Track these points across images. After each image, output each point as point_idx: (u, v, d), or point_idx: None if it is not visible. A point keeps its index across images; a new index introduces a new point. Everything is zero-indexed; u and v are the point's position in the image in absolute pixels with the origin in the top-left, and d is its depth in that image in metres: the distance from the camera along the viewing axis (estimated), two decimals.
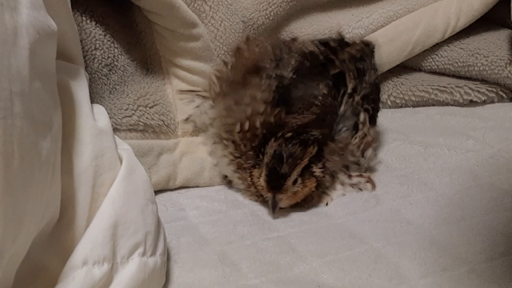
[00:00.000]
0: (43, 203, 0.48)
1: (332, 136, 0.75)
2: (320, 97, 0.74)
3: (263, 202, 0.76)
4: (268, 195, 0.72)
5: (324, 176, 0.74)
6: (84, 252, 0.52)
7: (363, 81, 0.81)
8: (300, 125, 0.71)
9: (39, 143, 0.46)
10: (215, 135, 0.77)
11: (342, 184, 0.78)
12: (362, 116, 0.78)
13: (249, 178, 0.74)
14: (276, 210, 0.72)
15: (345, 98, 0.78)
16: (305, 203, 0.75)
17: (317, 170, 0.73)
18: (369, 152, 0.79)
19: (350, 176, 0.78)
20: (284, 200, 0.72)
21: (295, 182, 0.71)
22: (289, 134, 0.70)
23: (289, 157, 0.69)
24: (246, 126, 0.72)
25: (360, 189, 0.79)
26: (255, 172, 0.73)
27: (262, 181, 0.71)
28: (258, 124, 0.72)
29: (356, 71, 0.80)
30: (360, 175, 0.79)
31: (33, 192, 0.46)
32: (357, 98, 0.78)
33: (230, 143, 0.75)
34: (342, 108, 0.77)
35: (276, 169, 0.70)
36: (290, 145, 0.69)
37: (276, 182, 0.70)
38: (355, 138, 0.77)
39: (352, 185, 0.78)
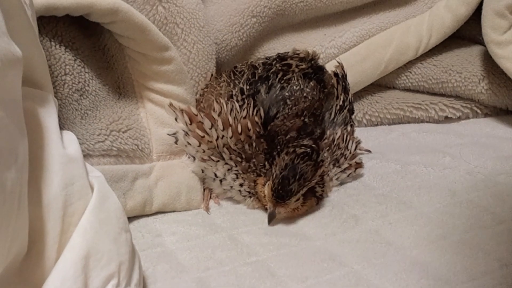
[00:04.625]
0: (9, 237, 0.46)
1: (321, 137, 0.79)
2: (307, 90, 0.80)
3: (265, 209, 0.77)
4: (269, 205, 0.74)
5: (323, 192, 0.79)
6: (54, 286, 0.50)
7: (348, 97, 0.86)
8: (292, 137, 0.74)
9: (3, 174, 0.45)
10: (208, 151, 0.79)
11: (335, 178, 0.83)
12: (349, 128, 0.85)
13: (252, 184, 0.77)
14: (272, 222, 0.75)
15: (337, 108, 0.83)
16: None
17: (319, 190, 0.77)
18: (352, 144, 0.83)
19: (340, 167, 0.83)
20: (282, 213, 0.74)
21: (297, 199, 0.73)
22: (300, 150, 0.72)
23: (301, 176, 0.71)
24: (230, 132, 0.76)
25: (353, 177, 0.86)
26: (260, 180, 0.75)
27: (267, 190, 0.73)
28: (240, 128, 0.75)
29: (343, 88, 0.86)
30: (349, 165, 0.84)
31: None
32: (345, 111, 0.84)
33: (226, 150, 0.77)
34: (333, 115, 0.82)
35: (285, 183, 0.71)
36: (304, 164, 0.71)
37: (281, 196, 0.72)
38: (337, 132, 0.82)
39: (343, 174, 0.84)
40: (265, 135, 0.76)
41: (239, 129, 0.76)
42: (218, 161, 0.78)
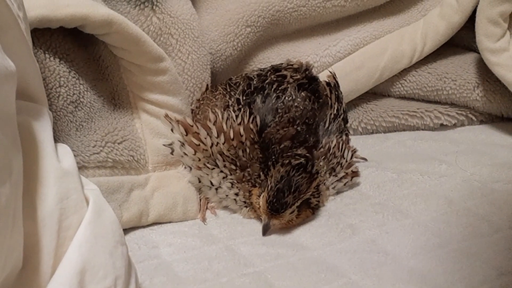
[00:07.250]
0: (4, 253, 0.46)
1: (316, 146, 0.79)
2: (298, 100, 0.80)
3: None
4: (263, 217, 0.74)
5: (319, 202, 0.79)
6: None
7: (341, 106, 0.87)
8: (286, 146, 0.75)
9: None
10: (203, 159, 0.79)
11: (331, 187, 0.83)
12: (344, 137, 0.85)
13: (247, 194, 0.77)
14: (267, 233, 0.75)
15: (331, 117, 0.83)
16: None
17: (314, 201, 0.77)
18: (348, 152, 0.83)
19: (336, 176, 0.83)
20: (277, 225, 0.74)
21: (292, 212, 0.73)
22: (295, 162, 0.72)
23: (296, 189, 0.71)
24: (222, 138, 0.76)
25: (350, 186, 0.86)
26: (255, 191, 0.76)
27: (262, 202, 0.73)
28: (232, 133, 0.75)
29: (336, 97, 0.86)
30: (345, 174, 0.83)
31: None
32: (339, 119, 0.85)
33: (220, 156, 0.77)
34: (327, 124, 0.82)
35: (280, 196, 0.71)
36: (299, 176, 0.71)
37: (276, 208, 0.72)
38: (333, 141, 0.82)
39: (340, 183, 0.84)
40: (260, 143, 0.76)
41: (231, 135, 0.76)
42: (213, 168, 0.78)
